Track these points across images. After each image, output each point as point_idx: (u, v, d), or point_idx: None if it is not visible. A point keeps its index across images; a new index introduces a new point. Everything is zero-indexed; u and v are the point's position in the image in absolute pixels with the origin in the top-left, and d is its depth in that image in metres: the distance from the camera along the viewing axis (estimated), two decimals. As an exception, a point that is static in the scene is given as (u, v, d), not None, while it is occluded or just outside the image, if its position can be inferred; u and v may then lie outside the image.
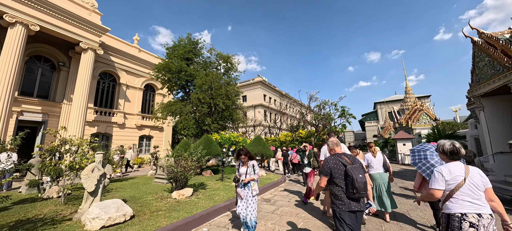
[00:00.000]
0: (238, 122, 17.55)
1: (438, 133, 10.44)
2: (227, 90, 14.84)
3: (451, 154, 2.10)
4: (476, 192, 1.95)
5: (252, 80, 44.31)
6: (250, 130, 29.45)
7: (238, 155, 3.97)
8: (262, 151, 9.70)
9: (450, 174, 2.01)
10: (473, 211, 1.91)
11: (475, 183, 1.96)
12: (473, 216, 1.89)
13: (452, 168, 2.04)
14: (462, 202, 1.96)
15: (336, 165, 2.50)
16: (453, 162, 2.10)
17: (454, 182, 1.99)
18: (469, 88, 8.63)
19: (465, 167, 2.04)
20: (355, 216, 2.39)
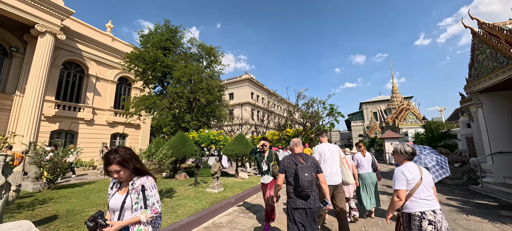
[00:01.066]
0: (222, 119, 16.26)
1: (431, 132, 9.87)
2: (209, 84, 13.52)
3: (411, 154, 2.25)
4: (429, 190, 2.11)
5: (239, 77, 43.05)
6: (236, 128, 28.21)
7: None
8: (244, 151, 8.57)
9: (410, 173, 2.12)
10: (429, 209, 2.03)
11: (428, 181, 2.14)
12: (430, 213, 2.01)
13: (410, 168, 2.16)
14: (421, 201, 2.06)
15: (289, 164, 2.66)
16: (410, 162, 2.24)
17: (414, 181, 2.10)
18: (467, 84, 8.03)
19: (418, 167, 2.21)
20: (305, 213, 2.52)
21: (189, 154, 8.18)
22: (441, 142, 9.69)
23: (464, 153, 8.48)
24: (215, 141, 10.04)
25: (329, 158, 3.52)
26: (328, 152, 3.56)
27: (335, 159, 3.56)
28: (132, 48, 14.90)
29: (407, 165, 2.22)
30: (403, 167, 2.20)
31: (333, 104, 18.88)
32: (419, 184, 2.10)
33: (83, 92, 15.96)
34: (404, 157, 2.28)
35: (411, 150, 2.26)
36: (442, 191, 7.37)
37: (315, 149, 3.81)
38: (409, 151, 2.26)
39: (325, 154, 3.56)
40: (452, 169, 8.54)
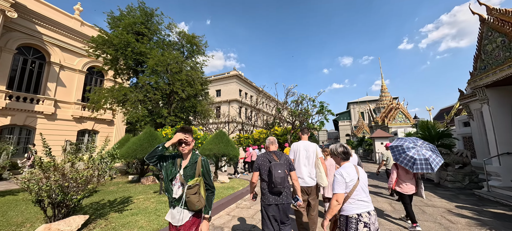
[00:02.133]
0: (204, 116, 14.86)
1: (427, 131, 9.15)
2: (189, 76, 12.09)
3: (344, 154, 2.19)
4: (365, 190, 2.06)
5: (227, 73, 41.53)
6: (222, 126, 26.80)
7: None
8: (224, 150, 7.33)
9: (349, 175, 2.05)
10: (365, 210, 1.97)
11: (364, 182, 2.09)
12: (366, 215, 1.95)
13: (348, 169, 2.09)
14: (358, 202, 1.99)
15: (263, 162, 2.72)
16: (347, 164, 2.16)
17: (352, 183, 2.02)
18: (471, 78, 7.29)
19: (355, 167, 2.13)
20: (278, 208, 2.58)
21: (157, 154, 6.82)
22: (438, 142, 9.01)
23: (465, 154, 7.78)
24: (193, 138, 8.71)
25: (303, 157, 3.38)
26: (303, 151, 3.41)
27: (310, 159, 3.37)
28: (98, 31, 13.06)
29: (345, 166, 2.15)
30: (342, 169, 2.12)
31: (323, 101, 18.08)
32: (356, 185, 2.03)
33: (44, 82, 13.91)
34: (338, 157, 2.21)
35: (342, 149, 2.20)
36: (445, 196, 6.57)
37: (291, 147, 3.55)
38: (341, 151, 2.20)
39: (299, 153, 3.41)
40: (453, 171, 7.81)
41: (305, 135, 3.68)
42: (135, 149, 6.78)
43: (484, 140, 8.15)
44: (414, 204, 5.67)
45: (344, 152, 2.20)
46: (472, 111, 8.54)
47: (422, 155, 3.74)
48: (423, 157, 3.72)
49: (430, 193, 6.97)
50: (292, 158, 3.47)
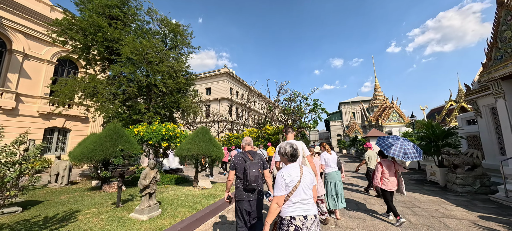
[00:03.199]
0: (190, 113, 13.57)
1: (432, 129, 8.39)
2: (171, 67, 10.79)
3: (292, 156, 2.12)
4: (307, 192, 1.96)
5: (217, 71, 40.15)
6: (210, 125, 25.46)
7: None
8: (205, 150, 6.16)
9: (290, 176, 1.98)
10: (300, 214, 1.88)
11: (307, 183, 1.98)
12: (299, 218, 1.87)
13: (290, 170, 2.02)
14: (294, 205, 1.91)
15: (239, 161, 2.86)
16: (292, 164, 2.10)
17: (291, 184, 1.95)
18: (484, 69, 6.52)
19: (299, 167, 2.05)
20: (250, 204, 2.70)
21: (118, 155, 5.52)
22: (443, 141, 8.28)
23: (476, 154, 7.03)
24: (169, 137, 7.45)
25: None
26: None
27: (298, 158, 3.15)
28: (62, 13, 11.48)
29: (289, 166, 2.08)
30: (284, 170, 2.04)
31: (317, 99, 17.22)
32: (296, 186, 1.95)
33: (3, 73, 12.16)
34: (285, 158, 2.17)
35: (290, 151, 2.14)
36: (460, 203, 5.73)
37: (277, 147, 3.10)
38: (289, 152, 2.14)
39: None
40: (462, 174, 7.03)
41: (290, 134, 3.57)
42: (93, 149, 5.47)
43: (494, 139, 7.45)
44: (432, 215, 4.75)
45: (292, 154, 2.12)
46: (480, 107, 7.83)
47: (408, 148, 4.20)
48: (409, 149, 4.18)
49: (441, 199, 6.11)
50: (278, 160, 3.38)
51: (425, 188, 7.47)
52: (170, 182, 7.49)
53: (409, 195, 6.51)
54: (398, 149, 4.17)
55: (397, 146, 4.22)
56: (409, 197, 6.35)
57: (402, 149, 4.18)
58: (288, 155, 2.13)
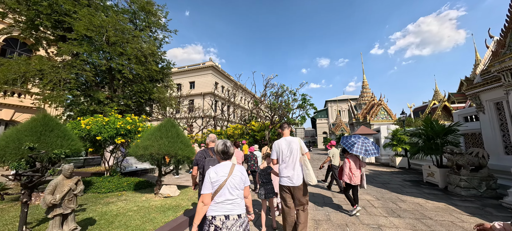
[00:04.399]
0: (164, 105, 11.97)
1: (431, 126, 7.63)
2: (139, 50, 9.15)
3: (223, 153, 2.07)
4: (233, 192, 1.90)
5: (202, 64, 38.19)
6: (192, 121, 23.75)
7: None
8: (168, 149, 4.78)
9: (216, 175, 1.91)
10: (222, 213, 1.83)
11: (235, 182, 1.92)
12: (220, 218, 1.82)
13: (219, 168, 1.96)
14: (217, 204, 1.85)
15: (200, 158, 2.95)
16: (223, 162, 2.05)
17: (217, 183, 1.89)
18: (496, 58, 5.73)
19: (231, 166, 1.99)
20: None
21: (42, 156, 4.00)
22: (443, 138, 7.56)
23: (481, 153, 6.30)
24: (126, 131, 5.95)
25: (287, 156, 3.15)
26: (286, 150, 3.18)
27: (294, 155, 3.14)
28: None
29: (219, 165, 2.02)
30: (213, 168, 1.98)
31: (305, 94, 16.24)
32: (222, 185, 1.88)
33: None
34: (218, 156, 2.12)
35: (222, 149, 2.06)
36: (471, 210, 4.90)
37: (273, 146, 3.28)
38: (220, 149, 2.07)
39: (282, 152, 3.19)
40: (467, 175, 6.27)
41: (286, 130, 3.46)
42: (4, 147, 3.91)
43: (498, 137, 6.80)
44: (449, 230, 3.78)
45: (223, 151, 2.06)
46: (483, 102, 7.17)
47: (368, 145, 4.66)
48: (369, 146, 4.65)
49: (449, 205, 5.25)
50: (274, 158, 3.29)
51: (425, 191, 6.66)
52: (128, 187, 6.02)
53: (412, 201, 5.61)
54: (359, 147, 4.57)
55: (359, 144, 4.61)
56: (413, 203, 5.43)
57: (363, 146, 4.60)
58: (219, 152, 2.08)
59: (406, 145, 12.92)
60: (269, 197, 3.72)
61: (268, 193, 3.70)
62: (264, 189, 3.72)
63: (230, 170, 1.95)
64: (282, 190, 3.17)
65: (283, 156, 3.15)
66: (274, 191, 3.79)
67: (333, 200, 5.87)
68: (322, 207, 5.15)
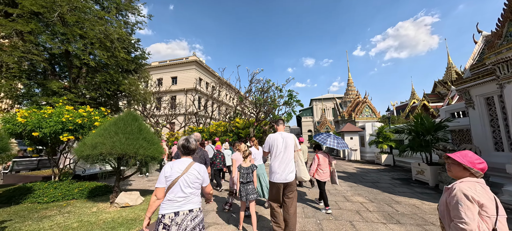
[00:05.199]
0: (137, 99, 10.73)
1: (420, 123, 7.32)
2: (102, 32, 7.90)
3: (183, 148, 2.04)
4: (186, 189, 1.86)
5: (185, 59, 36.48)
6: (172, 118, 22.34)
7: None
8: (125, 148, 3.80)
9: (171, 170, 1.89)
10: (171, 211, 1.80)
11: (189, 180, 1.89)
12: (169, 216, 1.78)
13: (175, 164, 1.93)
14: (168, 201, 1.83)
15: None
16: (183, 158, 2.02)
17: (170, 178, 1.86)
18: (492, 49, 5.42)
19: (189, 163, 1.95)
20: None
21: None
22: (433, 135, 7.29)
23: (474, 150, 6.03)
24: (76, 126, 4.82)
25: (282, 151, 3.05)
26: (281, 144, 3.07)
27: (289, 151, 3.07)
28: None
29: (177, 160, 1.98)
30: (169, 163, 1.94)
31: (292, 90, 15.70)
32: (175, 182, 1.85)
33: None
34: (179, 151, 2.07)
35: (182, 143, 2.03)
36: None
37: (267, 139, 3.23)
38: (181, 144, 2.04)
39: (277, 146, 3.07)
40: (459, 173, 5.96)
41: (281, 126, 3.35)
42: None
43: (488, 133, 6.60)
44: None
45: (183, 146, 2.03)
46: (474, 98, 6.97)
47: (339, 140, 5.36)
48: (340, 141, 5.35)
49: (446, 207, 4.83)
50: (267, 151, 3.23)
51: (417, 191, 6.28)
52: (80, 195, 4.93)
53: (407, 203, 5.13)
54: (332, 141, 5.08)
55: (331, 138, 5.15)
56: (409, 205, 4.95)
57: (335, 140, 5.12)
58: (180, 147, 2.04)
59: (392, 142, 12.85)
60: (250, 199, 3.39)
61: (249, 193, 3.40)
62: (245, 189, 3.44)
63: (186, 167, 1.92)
64: (273, 187, 3.02)
65: (277, 151, 3.04)
66: (256, 191, 3.49)
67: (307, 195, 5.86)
68: (311, 212, 4.48)
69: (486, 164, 1.46)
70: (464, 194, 1.32)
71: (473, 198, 1.29)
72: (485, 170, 1.44)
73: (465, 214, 1.26)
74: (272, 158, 3.09)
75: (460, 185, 1.38)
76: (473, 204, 1.28)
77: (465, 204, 1.29)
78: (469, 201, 1.29)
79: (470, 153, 1.48)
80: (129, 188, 6.84)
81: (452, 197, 1.38)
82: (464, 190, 1.33)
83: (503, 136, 6.18)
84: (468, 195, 1.30)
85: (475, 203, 1.28)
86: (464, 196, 1.31)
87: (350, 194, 5.95)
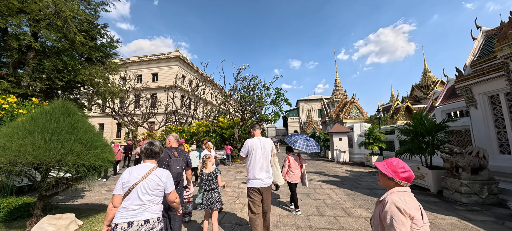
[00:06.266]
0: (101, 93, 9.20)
1: (421, 122, 6.69)
2: (50, 6, 6.39)
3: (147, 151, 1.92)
4: (144, 197, 1.71)
5: (167, 54, 34.42)
6: (148, 117, 20.54)
7: None
8: (41, 155, 2.60)
9: (129, 175, 1.76)
10: (125, 221, 1.65)
11: (148, 186, 1.74)
12: (122, 226, 1.64)
13: (135, 169, 1.80)
14: (124, 210, 1.67)
15: (164, 157, 2.79)
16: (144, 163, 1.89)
17: (128, 184, 1.72)
18: (501, 42, 4.82)
19: (151, 168, 1.82)
20: None
21: None
22: (433, 136, 6.69)
23: (482, 153, 5.44)
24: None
25: (260, 156, 3.01)
26: (260, 149, 3.02)
27: (268, 156, 3.07)
28: None
29: (138, 165, 1.85)
30: (129, 168, 1.82)
31: (280, 88, 14.82)
32: (131, 188, 1.69)
33: None
34: (142, 155, 1.94)
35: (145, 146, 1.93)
36: (487, 226, 3.77)
37: (245, 144, 3.13)
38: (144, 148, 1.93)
39: (256, 151, 3.01)
40: (468, 179, 5.33)
41: (257, 130, 3.27)
42: None
43: (492, 134, 6.09)
44: None
45: (146, 149, 1.92)
46: (476, 96, 6.46)
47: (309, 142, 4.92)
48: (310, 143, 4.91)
49: (460, 219, 4.09)
50: (244, 156, 3.15)
51: (420, 199, 5.57)
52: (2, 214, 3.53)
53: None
54: (301, 143, 4.82)
55: (301, 141, 4.87)
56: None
57: (305, 143, 4.85)
58: (143, 151, 1.92)
59: (382, 143, 12.40)
60: (214, 208, 3.15)
61: (213, 202, 3.14)
62: (208, 197, 3.17)
63: (147, 172, 1.78)
64: (252, 194, 2.93)
65: (257, 157, 3.00)
66: (220, 200, 3.27)
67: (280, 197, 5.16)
68: None
69: (412, 173, 1.42)
70: (396, 207, 1.28)
71: (405, 211, 1.26)
72: (411, 180, 1.42)
73: (400, 230, 1.23)
74: (251, 163, 3.00)
75: (391, 197, 1.35)
76: (406, 218, 1.25)
77: (399, 219, 1.25)
78: (402, 215, 1.26)
79: (395, 161, 1.45)
80: (77, 202, 5.45)
81: (385, 211, 1.32)
82: (396, 202, 1.30)
83: (510, 137, 5.66)
84: (401, 208, 1.27)
85: (407, 216, 1.26)
86: (397, 210, 1.27)
87: (349, 206, 5.07)
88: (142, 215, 1.67)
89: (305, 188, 6.73)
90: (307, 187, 5.87)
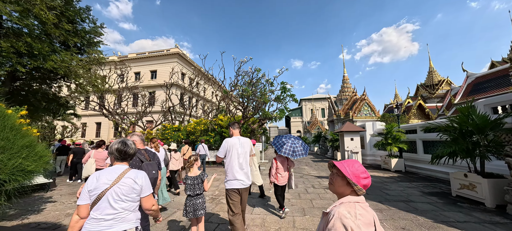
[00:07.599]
0: (81, 84, 7.97)
1: (472, 121, 5.29)
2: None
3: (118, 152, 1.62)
4: (117, 204, 1.43)
5: (166, 51, 33.24)
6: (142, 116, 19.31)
7: None
8: None
9: (97, 181, 1.44)
10: None
11: (122, 192, 1.45)
12: None
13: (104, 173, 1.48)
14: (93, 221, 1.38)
15: (135, 161, 2.49)
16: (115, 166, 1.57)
17: (96, 191, 1.41)
18: None
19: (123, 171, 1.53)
20: None
21: None
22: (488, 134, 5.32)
23: None
24: None
25: (241, 156, 2.93)
26: (239, 149, 2.94)
27: (247, 156, 3.01)
28: None
29: (107, 168, 1.53)
30: (96, 173, 1.49)
31: (285, 82, 13.46)
32: (101, 196, 1.40)
33: None
34: (113, 157, 1.63)
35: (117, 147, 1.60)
36: None
37: (223, 144, 3.00)
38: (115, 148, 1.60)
39: (237, 150, 2.92)
40: None
41: (236, 130, 3.15)
42: None
43: None
44: None
45: (118, 150, 1.60)
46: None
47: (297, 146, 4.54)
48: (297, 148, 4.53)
49: None
50: (222, 156, 2.98)
51: (480, 218, 4.18)
52: None
53: None
54: (288, 148, 4.46)
55: (288, 145, 4.52)
56: None
57: (292, 147, 4.49)
58: (114, 152, 1.61)
59: (403, 143, 10.97)
60: (198, 215, 2.86)
61: (197, 209, 2.84)
62: (192, 204, 2.85)
63: (119, 176, 1.49)
64: (231, 194, 2.80)
65: (238, 157, 2.91)
66: (205, 207, 2.94)
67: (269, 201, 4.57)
68: None
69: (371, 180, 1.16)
70: (343, 224, 0.99)
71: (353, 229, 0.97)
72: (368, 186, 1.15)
73: None
74: (229, 163, 2.90)
75: (339, 209, 1.06)
76: None
77: None
78: None
79: (357, 164, 1.16)
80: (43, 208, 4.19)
81: (328, 229, 1.04)
82: (343, 218, 1.01)
83: None
84: (348, 227, 0.98)
85: None
86: (343, 228, 0.98)
87: (389, 226, 3.71)
88: (116, 227, 1.42)
89: (322, 201, 5.39)
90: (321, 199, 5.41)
